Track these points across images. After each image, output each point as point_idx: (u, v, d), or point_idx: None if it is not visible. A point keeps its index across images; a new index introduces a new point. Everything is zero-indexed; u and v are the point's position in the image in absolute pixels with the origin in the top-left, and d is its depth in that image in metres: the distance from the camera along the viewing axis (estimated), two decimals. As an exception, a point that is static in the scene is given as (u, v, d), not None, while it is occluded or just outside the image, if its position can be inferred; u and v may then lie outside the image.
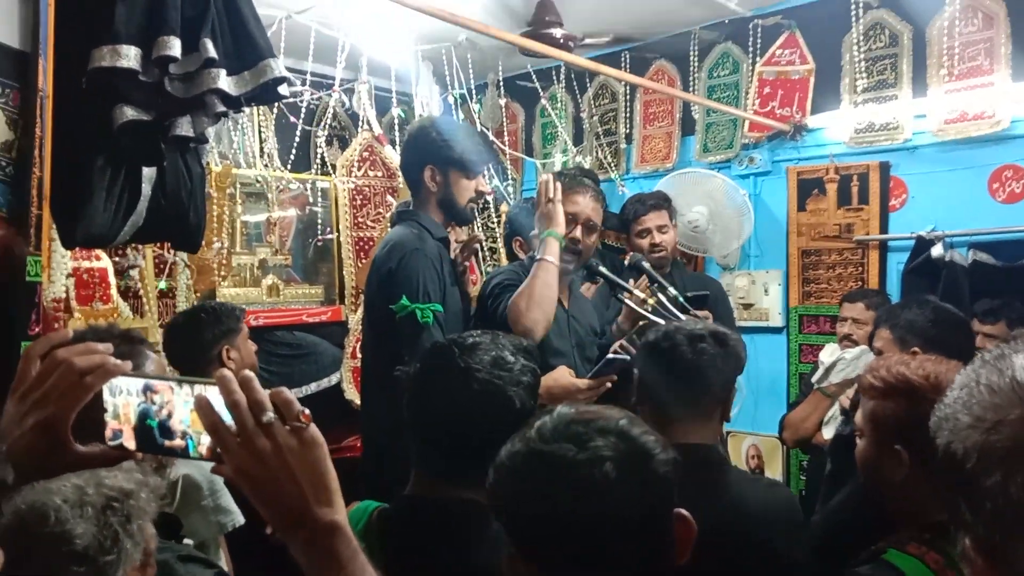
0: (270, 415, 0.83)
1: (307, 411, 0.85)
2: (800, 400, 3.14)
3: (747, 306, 4.11)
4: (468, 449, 1.24)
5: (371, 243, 3.84)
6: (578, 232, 2.35)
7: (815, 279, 3.91)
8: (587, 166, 4.24)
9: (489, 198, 3.99)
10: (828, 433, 2.85)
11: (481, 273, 3.75)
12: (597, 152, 4.46)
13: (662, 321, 2.37)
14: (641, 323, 2.52)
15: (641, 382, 1.71)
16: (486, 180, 2.47)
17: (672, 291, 2.55)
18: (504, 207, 4.05)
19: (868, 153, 3.75)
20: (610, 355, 2.12)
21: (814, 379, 3.06)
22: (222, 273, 3.37)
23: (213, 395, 0.85)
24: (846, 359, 2.96)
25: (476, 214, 2.66)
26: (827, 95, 3.87)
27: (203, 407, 0.84)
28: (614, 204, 3.80)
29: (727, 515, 1.49)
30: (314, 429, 0.86)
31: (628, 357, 2.07)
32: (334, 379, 3.64)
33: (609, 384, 2.10)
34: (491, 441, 1.04)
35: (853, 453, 1.58)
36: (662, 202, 3.25)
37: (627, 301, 2.44)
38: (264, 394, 0.85)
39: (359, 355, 3.32)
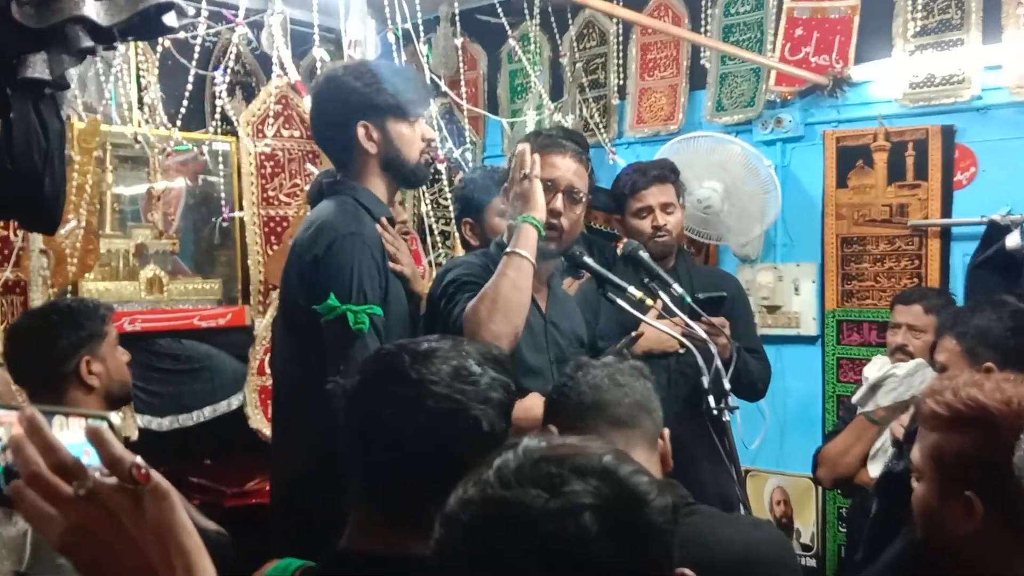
0: (87, 483, 0.81)
1: (141, 463, 0.83)
2: (839, 429, 3.20)
3: (771, 309, 4.17)
4: (422, 486, 1.24)
5: (284, 224, 3.88)
6: (558, 203, 2.37)
7: (859, 275, 3.99)
8: (569, 126, 4.24)
9: (441, 167, 4.02)
10: (875, 471, 2.92)
11: (431, 265, 3.80)
12: (581, 109, 4.47)
13: (664, 328, 2.46)
14: (634, 333, 2.60)
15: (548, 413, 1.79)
16: (429, 123, 2.52)
17: (678, 289, 2.58)
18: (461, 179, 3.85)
19: (927, 114, 3.81)
20: None
21: (855, 399, 3.15)
22: (88, 262, 3.37)
23: (73, 434, 0.82)
24: (898, 376, 3.04)
25: (431, 172, 2.67)
26: (875, 39, 3.92)
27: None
28: (603, 178, 3.75)
29: (705, 566, 1.48)
30: (156, 481, 0.84)
31: None
32: (235, 402, 3.67)
33: None
34: (452, 476, 1.04)
35: (907, 496, 1.60)
36: (668, 173, 3.22)
37: (620, 302, 2.45)
38: (68, 454, 0.82)
39: (268, 371, 3.35)
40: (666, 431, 1.79)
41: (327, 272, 2.17)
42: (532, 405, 2.12)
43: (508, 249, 2.22)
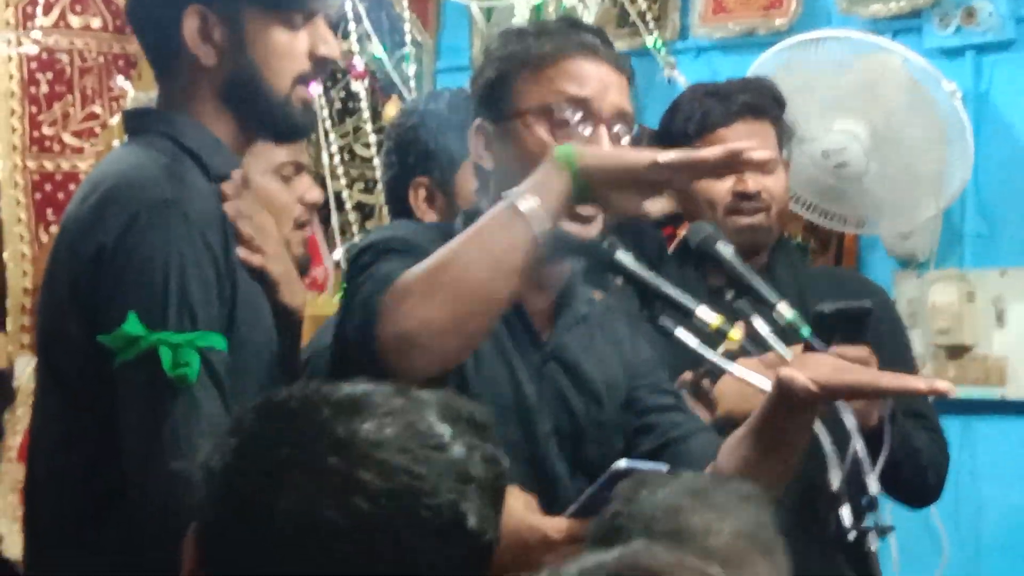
0: None
1: None
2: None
3: (955, 351, 3.82)
4: None
5: (72, 186, 3.59)
6: (605, 143, 2.17)
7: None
8: (589, 18, 3.91)
9: (359, 86, 3.87)
10: None
11: (340, 265, 3.82)
12: (615, -9, 4.27)
13: (755, 379, 2.18)
14: (702, 370, 2.45)
15: None
16: (333, 31, 2.31)
17: (786, 311, 2.18)
18: (392, 108, 3.83)
19: None
20: (622, 462, 1.94)
21: None
22: None
23: None
24: None
25: (316, 114, 2.51)
26: None
27: None
28: (650, 107, 3.54)
29: None
30: None
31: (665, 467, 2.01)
32: None
33: None
34: None
35: None
36: (767, 102, 2.96)
37: (679, 333, 2.13)
38: None
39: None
40: None
41: (121, 274, 1.98)
42: (509, 508, 1.87)
43: (504, 194, 2.04)
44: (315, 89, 2.42)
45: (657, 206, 3.13)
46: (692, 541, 1.66)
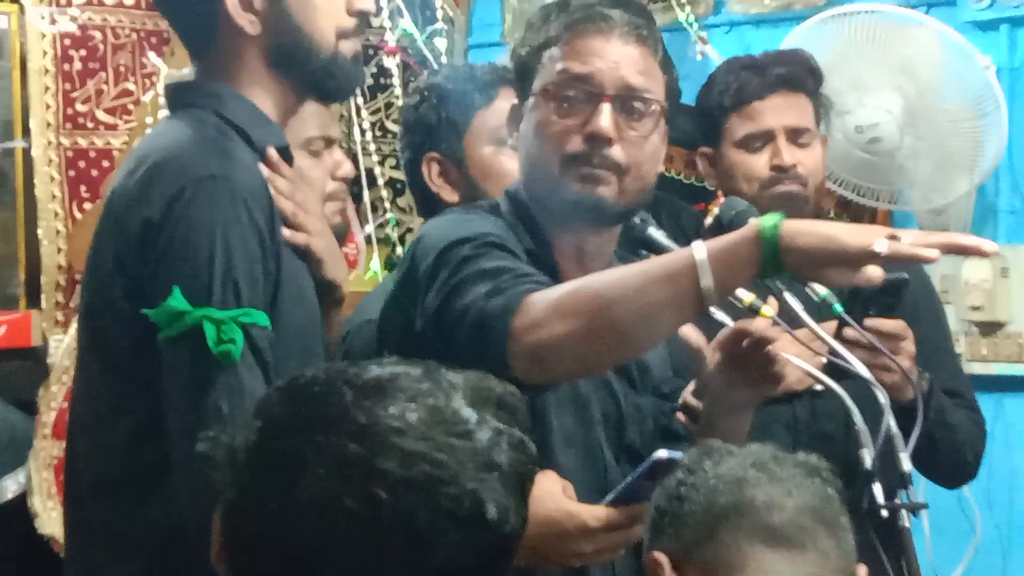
0: None
1: None
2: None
3: (988, 328, 3.89)
4: None
5: (105, 163, 3.67)
6: (603, 119, 2.16)
7: None
8: None
9: (391, 62, 3.87)
10: None
11: (371, 243, 3.94)
12: (648, -37, 4.26)
13: (794, 359, 2.22)
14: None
15: None
16: None
17: (819, 289, 2.18)
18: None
19: None
20: (662, 452, 1.91)
21: None
22: None
23: None
24: None
25: (363, 69, 2.56)
26: None
27: None
28: (683, 81, 3.36)
29: None
30: None
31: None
32: (10, 486, 3.50)
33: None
34: None
35: None
36: (803, 75, 2.99)
37: (714, 312, 2.12)
38: None
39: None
40: (862, 570, 1.73)
41: (167, 249, 2.03)
42: (547, 493, 2.01)
43: (701, 242, 1.95)
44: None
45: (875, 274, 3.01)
46: (755, 515, 1.67)
